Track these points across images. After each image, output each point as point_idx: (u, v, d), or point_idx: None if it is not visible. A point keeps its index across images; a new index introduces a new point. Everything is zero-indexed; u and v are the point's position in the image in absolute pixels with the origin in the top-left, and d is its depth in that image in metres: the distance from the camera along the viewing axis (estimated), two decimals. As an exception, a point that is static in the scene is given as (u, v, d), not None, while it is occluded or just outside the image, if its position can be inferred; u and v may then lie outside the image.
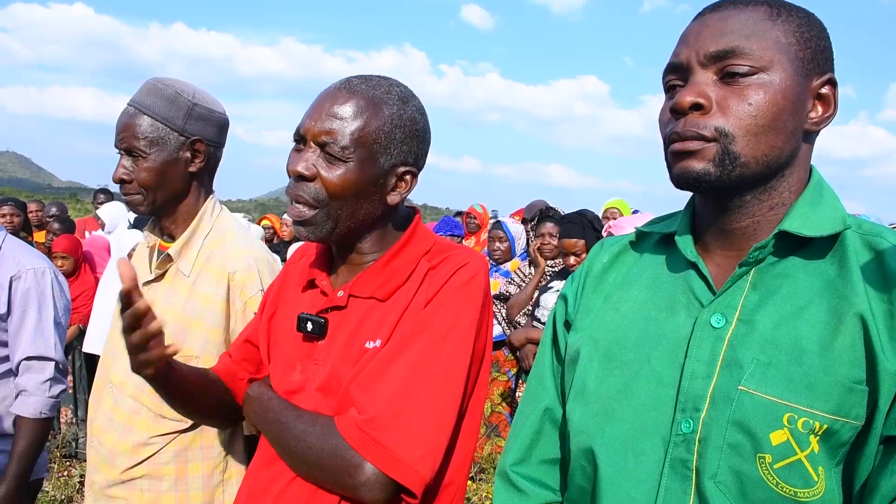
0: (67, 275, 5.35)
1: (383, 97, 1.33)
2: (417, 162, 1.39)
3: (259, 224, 8.68)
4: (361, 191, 1.32)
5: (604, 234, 4.09)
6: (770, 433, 0.94)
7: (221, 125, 1.91)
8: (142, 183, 1.80)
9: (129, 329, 1.22)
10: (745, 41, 1.00)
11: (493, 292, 4.93)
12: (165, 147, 1.80)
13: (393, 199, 1.37)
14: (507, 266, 5.20)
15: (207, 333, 1.78)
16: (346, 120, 1.30)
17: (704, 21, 1.05)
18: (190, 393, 1.46)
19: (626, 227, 3.71)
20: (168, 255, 1.84)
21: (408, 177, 1.38)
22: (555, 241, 4.54)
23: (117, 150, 1.83)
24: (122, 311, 1.21)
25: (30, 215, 7.31)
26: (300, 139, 1.34)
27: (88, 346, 4.93)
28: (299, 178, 1.32)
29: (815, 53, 1.03)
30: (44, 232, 6.73)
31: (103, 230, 6.43)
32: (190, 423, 1.77)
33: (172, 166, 1.82)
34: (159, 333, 1.23)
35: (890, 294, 0.95)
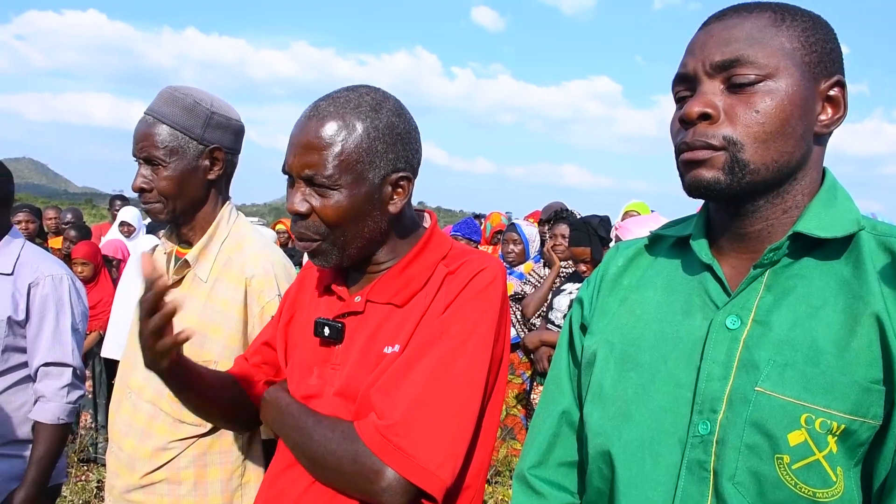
0: (87, 281, 5.40)
1: (353, 112, 1.31)
2: (410, 164, 1.37)
3: (273, 228, 8.70)
4: (359, 212, 1.32)
5: (612, 235, 4.07)
6: (788, 434, 0.94)
7: (238, 132, 1.92)
8: (162, 191, 1.82)
9: (147, 314, 1.25)
10: (749, 49, 1.00)
11: (508, 293, 4.93)
12: (185, 156, 1.81)
13: (394, 208, 1.36)
14: (521, 269, 5.20)
15: (226, 339, 1.79)
16: (324, 148, 1.28)
17: (709, 30, 1.05)
18: (204, 392, 1.47)
19: (632, 228, 3.70)
20: (186, 260, 1.85)
21: (403, 182, 1.36)
22: (566, 243, 4.55)
23: (136, 159, 1.84)
24: (143, 301, 1.24)
25: (47, 222, 7.36)
26: (287, 175, 1.35)
27: (107, 352, 4.96)
28: (297, 215, 1.33)
29: (821, 56, 1.03)
30: (60, 238, 6.77)
31: (128, 237, 6.47)
32: (209, 427, 1.78)
33: (192, 174, 1.83)
34: (174, 313, 1.26)
35: None
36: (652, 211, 6.22)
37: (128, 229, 6.58)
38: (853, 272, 1.00)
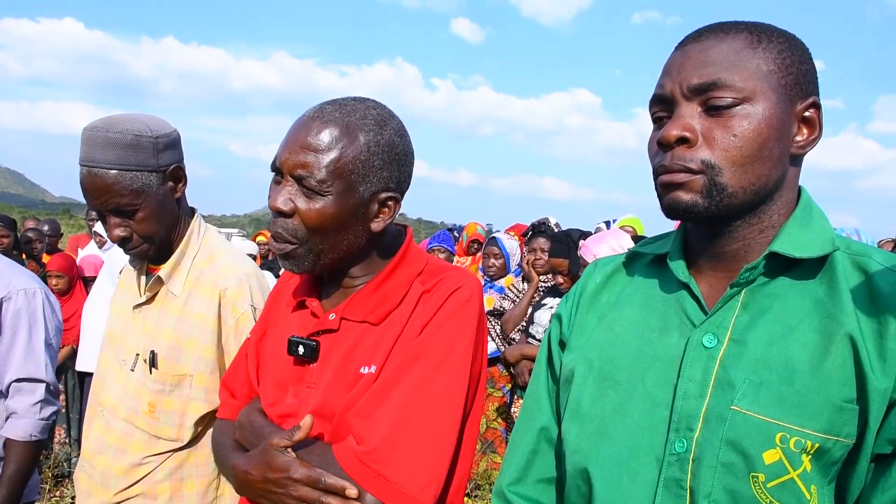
0: (62, 294, 5.33)
1: (358, 123, 1.29)
2: (400, 186, 1.36)
3: (254, 240, 8.64)
4: (342, 223, 1.30)
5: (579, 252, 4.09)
6: (763, 452, 0.95)
7: (179, 141, 1.87)
8: (143, 234, 1.78)
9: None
10: (726, 73, 1.00)
11: (487, 308, 4.94)
12: (150, 190, 1.75)
13: (376, 226, 1.34)
14: (502, 282, 5.21)
15: (201, 351, 1.78)
16: (322, 152, 1.26)
17: (686, 52, 1.05)
18: None
19: (591, 246, 3.73)
20: (159, 277, 1.84)
21: (390, 202, 1.34)
22: (546, 257, 4.57)
23: (99, 213, 1.78)
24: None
25: (37, 245, 7.09)
26: (276, 171, 1.32)
27: (81, 365, 4.90)
28: (278, 213, 1.30)
29: (797, 78, 1.03)
30: (49, 256, 6.60)
31: (101, 248, 6.38)
32: (185, 440, 1.77)
33: (163, 204, 1.79)
34: None
35: (878, 314, 0.96)
36: (623, 234, 6.26)
37: (100, 240, 6.49)
38: (827, 291, 1.01)
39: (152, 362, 1.78)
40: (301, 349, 1.36)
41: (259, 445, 1.31)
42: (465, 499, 4.77)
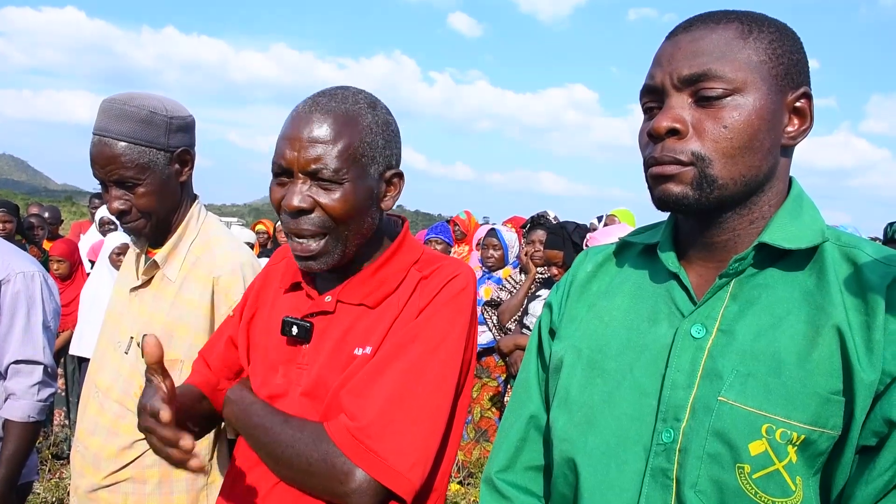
0: (63, 278, 5.36)
1: (355, 108, 1.31)
2: (398, 162, 1.40)
3: (254, 229, 8.65)
4: (362, 207, 1.31)
5: (584, 246, 4.11)
6: (749, 443, 0.95)
7: (193, 127, 1.90)
8: (142, 209, 1.79)
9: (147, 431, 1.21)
10: (717, 64, 1.00)
11: (485, 298, 4.96)
12: (156, 168, 1.77)
13: (387, 203, 1.37)
14: (500, 273, 5.23)
15: (193, 338, 1.78)
16: (330, 142, 1.27)
17: (677, 42, 1.05)
18: (186, 422, 1.39)
19: (601, 239, 3.73)
20: (154, 261, 1.84)
21: (396, 179, 1.38)
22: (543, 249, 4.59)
23: (102, 182, 1.79)
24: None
25: (38, 231, 7.08)
26: (282, 172, 1.31)
27: (75, 349, 4.92)
28: (298, 212, 1.29)
29: (788, 68, 1.03)
30: (51, 242, 6.62)
31: (100, 229, 6.36)
32: None
33: (166, 184, 1.81)
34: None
35: (867, 306, 0.96)
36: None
37: (109, 228, 6.49)
38: (816, 283, 1.01)
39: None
40: (295, 329, 1.37)
41: (250, 421, 1.33)
42: (458, 486, 4.80)
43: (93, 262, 5.80)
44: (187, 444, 1.14)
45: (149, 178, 1.77)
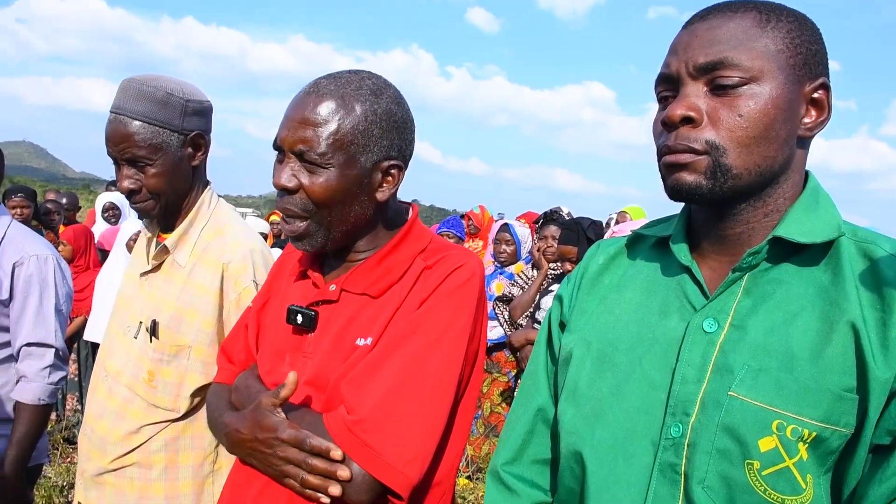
0: (66, 262, 5.42)
1: (354, 94, 1.30)
2: (402, 154, 1.36)
3: (268, 220, 8.68)
4: (347, 194, 1.30)
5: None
6: (759, 439, 0.94)
7: (209, 112, 1.90)
8: (152, 189, 1.80)
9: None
10: (733, 52, 0.98)
11: (497, 294, 4.95)
12: (169, 150, 1.78)
13: (381, 195, 1.35)
14: (512, 269, 5.21)
15: (201, 323, 1.79)
16: (320, 125, 1.27)
17: (693, 30, 1.03)
18: None
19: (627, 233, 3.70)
20: (165, 245, 1.85)
21: (394, 171, 1.35)
22: (556, 244, 4.57)
23: (115, 161, 1.81)
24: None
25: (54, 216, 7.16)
26: (278, 149, 1.33)
27: (90, 335, 4.97)
28: (284, 191, 1.30)
29: (806, 58, 1.01)
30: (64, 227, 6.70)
31: (117, 222, 6.42)
32: (182, 412, 1.78)
33: (178, 167, 1.81)
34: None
35: (882, 302, 0.94)
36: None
37: (113, 213, 6.54)
38: (832, 279, 0.99)
39: (153, 331, 1.79)
40: (299, 318, 1.36)
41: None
42: (467, 481, 4.79)
43: (102, 251, 5.86)
44: (345, 474, 1.20)
45: (160, 158, 1.77)
